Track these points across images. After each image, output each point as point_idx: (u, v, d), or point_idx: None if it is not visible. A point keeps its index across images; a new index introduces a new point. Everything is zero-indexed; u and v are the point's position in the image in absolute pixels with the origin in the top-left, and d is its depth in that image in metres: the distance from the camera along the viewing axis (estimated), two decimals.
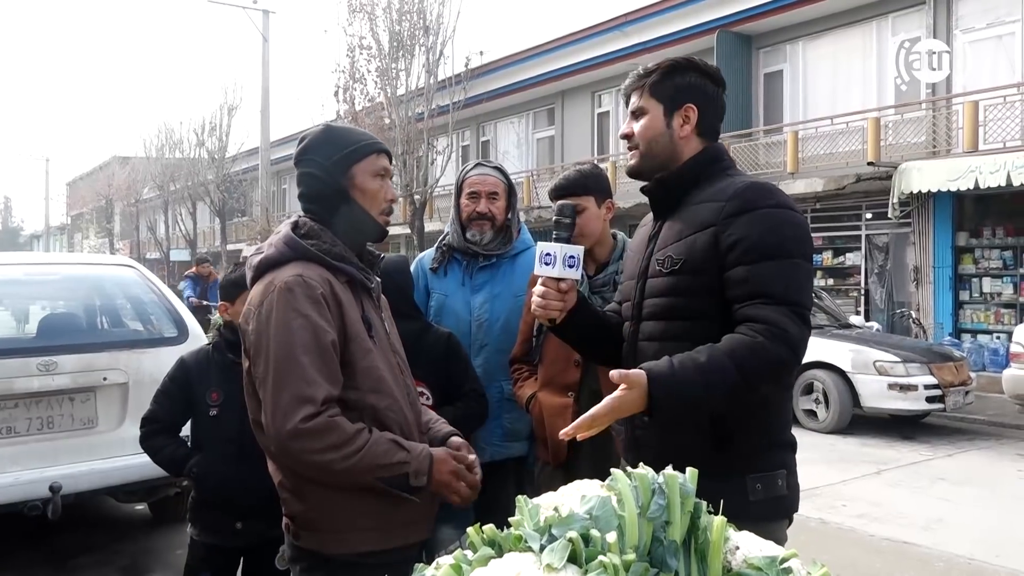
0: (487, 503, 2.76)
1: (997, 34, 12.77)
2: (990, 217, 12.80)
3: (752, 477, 1.81)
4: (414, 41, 18.72)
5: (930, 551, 5.00)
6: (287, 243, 1.85)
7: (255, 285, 1.86)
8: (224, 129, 31.30)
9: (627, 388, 1.66)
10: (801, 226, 1.83)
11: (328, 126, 1.99)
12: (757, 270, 1.73)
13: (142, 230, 39.73)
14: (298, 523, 1.86)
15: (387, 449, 1.76)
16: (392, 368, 1.93)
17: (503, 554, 1.08)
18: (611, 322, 2.12)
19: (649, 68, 1.96)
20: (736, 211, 1.78)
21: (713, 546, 1.10)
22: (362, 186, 1.90)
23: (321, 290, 1.78)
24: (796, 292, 1.74)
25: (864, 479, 6.86)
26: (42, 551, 4.68)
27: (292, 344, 1.72)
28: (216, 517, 2.74)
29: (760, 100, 16.24)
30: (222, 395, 2.74)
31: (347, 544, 1.81)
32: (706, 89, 1.95)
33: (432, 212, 21.16)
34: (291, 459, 1.76)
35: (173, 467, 2.81)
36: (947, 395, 8.56)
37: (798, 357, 1.72)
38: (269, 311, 1.76)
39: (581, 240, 2.55)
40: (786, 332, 1.68)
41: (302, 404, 1.70)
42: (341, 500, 1.79)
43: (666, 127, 1.93)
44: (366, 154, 1.91)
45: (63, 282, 4.94)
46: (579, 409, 2.50)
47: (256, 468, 2.55)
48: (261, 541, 2.69)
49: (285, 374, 1.72)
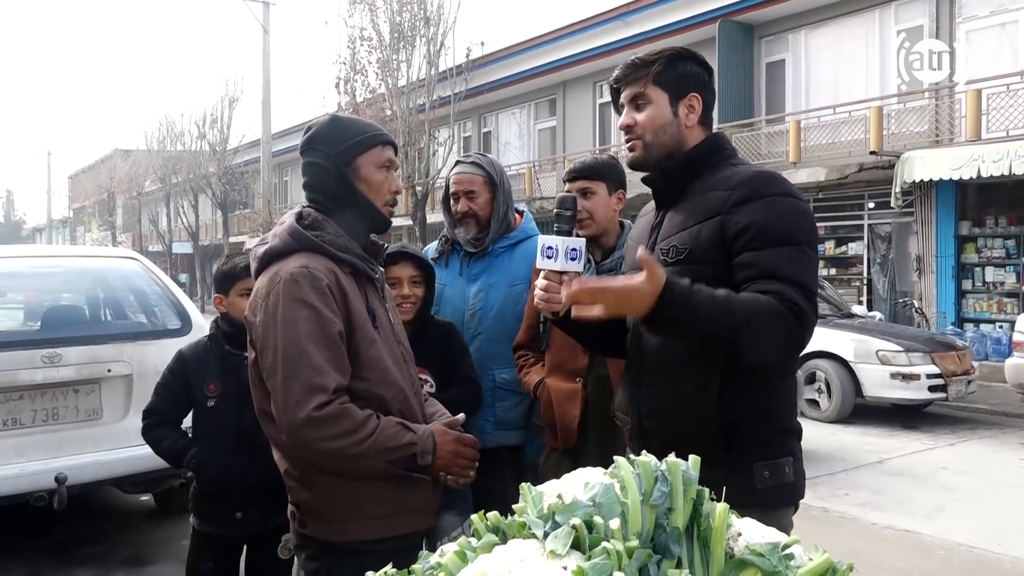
0: (483, 491, 2.80)
1: (1000, 22, 12.72)
2: (993, 206, 12.78)
3: (759, 465, 1.81)
4: (415, 32, 18.68)
5: (932, 539, 5.01)
6: (291, 234, 1.86)
7: (260, 276, 1.87)
8: (225, 121, 31.29)
9: (646, 278, 1.61)
10: (807, 214, 1.83)
11: (335, 116, 1.99)
12: (765, 256, 1.73)
13: (144, 223, 39.75)
14: (304, 511, 1.87)
15: (395, 432, 1.79)
16: (396, 358, 1.94)
17: (507, 541, 1.08)
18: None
19: (648, 58, 1.93)
20: (742, 199, 1.78)
21: (716, 532, 1.11)
22: (367, 177, 1.91)
23: (326, 281, 1.79)
24: (804, 276, 1.74)
25: (866, 468, 6.87)
26: (47, 542, 4.70)
27: (299, 334, 1.73)
28: (216, 507, 2.77)
29: (762, 89, 16.18)
30: (219, 386, 2.77)
31: (353, 532, 1.82)
32: (703, 78, 1.96)
33: (434, 203, 21.10)
34: (304, 448, 1.77)
35: (173, 458, 2.84)
36: (949, 384, 8.56)
37: (806, 333, 1.72)
38: (275, 302, 1.77)
39: (587, 223, 2.57)
40: (797, 305, 1.68)
41: (314, 393, 1.71)
42: (347, 488, 1.80)
43: (673, 116, 1.92)
44: (371, 145, 1.92)
45: (67, 274, 4.95)
46: (587, 395, 2.54)
47: (255, 458, 2.58)
48: (262, 530, 2.72)
49: (294, 364, 1.73)
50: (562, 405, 2.56)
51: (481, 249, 2.87)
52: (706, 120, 1.96)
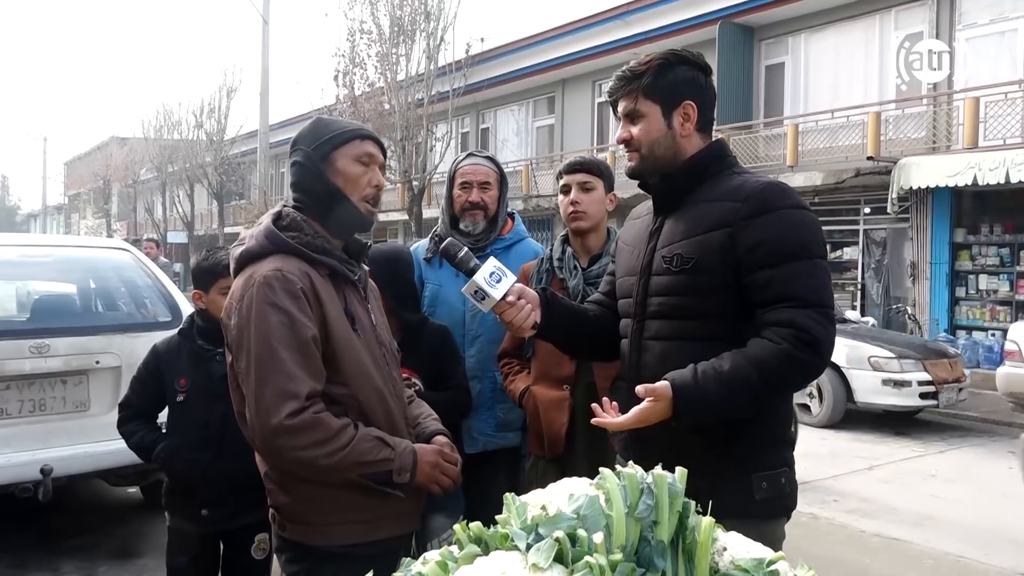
0: (480, 494, 2.78)
1: (1000, 30, 12.74)
2: (988, 214, 12.80)
3: (758, 476, 1.81)
4: (415, 26, 18.63)
5: (920, 548, 5.01)
6: (267, 236, 1.84)
7: (237, 278, 1.86)
8: (223, 111, 31.21)
9: (654, 400, 1.71)
10: (816, 226, 1.84)
11: (319, 118, 1.98)
12: (781, 272, 1.74)
13: (139, 211, 39.63)
14: (283, 514, 1.86)
15: (372, 446, 1.76)
16: (377, 360, 1.92)
17: (489, 552, 1.07)
18: (589, 315, 2.13)
19: (637, 69, 1.91)
20: (754, 212, 1.77)
21: (701, 547, 1.09)
22: (343, 170, 1.88)
23: (300, 284, 1.77)
24: (820, 293, 1.77)
25: (856, 474, 6.87)
26: (33, 533, 4.68)
27: (272, 339, 1.72)
28: (184, 503, 2.74)
29: (761, 92, 16.19)
30: (190, 382, 2.74)
31: (332, 536, 1.81)
32: (698, 80, 1.92)
33: (430, 199, 21.11)
34: (276, 455, 1.76)
35: (142, 452, 2.82)
36: (941, 391, 8.58)
37: (824, 359, 1.75)
38: (249, 306, 1.76)
39: (582, 216, 2.58)
40: (812, 336, 1.70)
41: (286, 400, 1.69)
42: (326, 493, 1.79)
43: (667, 128, 1.90)
44: (348, 139, 1.89)
45: (58, 264, 4.92)
46: (575, 402, 2.51)
47: (222, 455, 2.56)
48: (233, 528, 2.69)
49: (267, 370, 1.71)
50: (549, 414, 2.53)
51: (484, 245, 2.86)
52: (705, 124, 1.94)
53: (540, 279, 2.65)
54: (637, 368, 1.91)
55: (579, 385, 2.53)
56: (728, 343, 1.76)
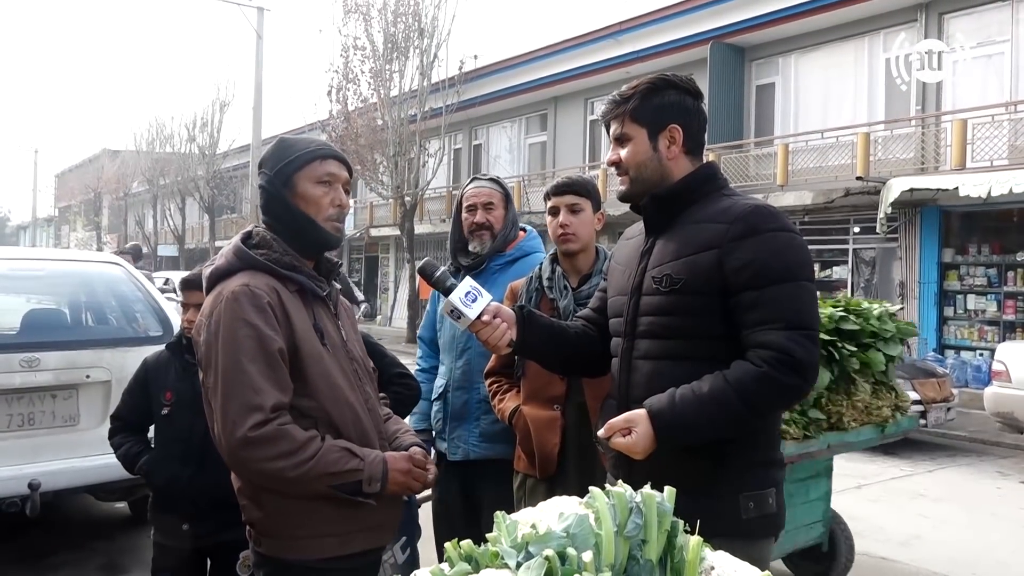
0: (471, 504, 2.78)
1: (987, 53, 12.88)
2: (976, 234, 12.91)
3: (745, 495, 1.83)
4: (408, 43, 18.75)
5: (907, 567, 5.02)
6: (236, 253, 1.88)
7: (207, 296, 1.88)
8: (215, 125, 31.26)
9: (634, 430, 1.74)
10: (804, 249, 1.86)
11: (281, 138, 2.00)
12: (766, 295, 1.76)
13: (130, 224, 39.52)
14: (258, 529, 1.86)
15: (339, 457, 1.77)
16: (348, 375, 1.92)
17: (480, 570, 1.08)
18: (569, 332, 2.14)
19: (626, 93, 1.95)
20: (741, 234, 1.79)
21: (689, 566, 1.11)
22: (303, 193, 1.90)
23: (267, 299, 1.79)
24: (805, 315, 1.78)
25: (844, 493, 6.86)
26: (19, 548, 4.65)
27: (239, 353, 1.73)
28: (166, 517, 2.74)
29: (751, 112, 16.31)
30: (175, 395, 2.76)
31: (307, 550, 1.81)
32: (685, 104, 1.95)
33: (423, 214, 21.15)
34: (242, 468, 1.78)
35: (127, 464, 2.84)
36: (929, 411, 8.59)
37: (808, 381, 1.77)
38: (217, 321, 1.78)
39: (572, 238, 2.59)
40: (793, 358, 1.72)
41: (250, 412, 1.70)
42: (298, 507, 1.79)
43: (653, 151, 1.93)
44: (306, 162, 1.91)
45: (48, 278, 4.91)
46: (566, 422, 2.52)
47: (204, 470, 2.56)
48: (216, 544, 2.67)
49: (233, 383, 1.73)
50: (541, 434, 2.52)
51: (477, 264, 2.89)
52: (693, 147, 1.96)
53: (530, 298, 2.65)
54: (627, 387, 1.93)
55: (570, 404, 2.52)
56: (717, 363, 1.78)
